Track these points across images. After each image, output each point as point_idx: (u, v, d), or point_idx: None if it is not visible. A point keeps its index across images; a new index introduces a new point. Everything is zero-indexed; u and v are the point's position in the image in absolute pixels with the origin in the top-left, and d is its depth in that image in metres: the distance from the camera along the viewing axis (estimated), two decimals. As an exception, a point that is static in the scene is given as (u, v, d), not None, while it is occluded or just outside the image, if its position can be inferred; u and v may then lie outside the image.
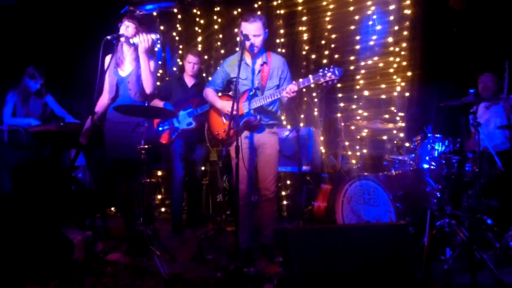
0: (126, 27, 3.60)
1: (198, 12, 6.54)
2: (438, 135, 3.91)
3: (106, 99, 3.78)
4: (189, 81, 4.92)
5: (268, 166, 3.62)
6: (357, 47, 5.55)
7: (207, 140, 4.32)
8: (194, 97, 4.77)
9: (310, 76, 3.31)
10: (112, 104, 3.72)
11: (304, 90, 4.73)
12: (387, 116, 5.34)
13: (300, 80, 3.34)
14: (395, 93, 5.36)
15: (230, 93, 3.66)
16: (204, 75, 6.36)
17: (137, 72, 3.66)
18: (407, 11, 5.27)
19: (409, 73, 5.27)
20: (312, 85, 3.32)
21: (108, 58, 3.73)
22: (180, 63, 6.40)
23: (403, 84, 5.32)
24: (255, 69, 3.60)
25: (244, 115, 3.52)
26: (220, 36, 6.41)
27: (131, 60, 3.72)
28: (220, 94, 3.79)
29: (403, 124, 5.16)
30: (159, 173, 5.99)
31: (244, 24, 3.48)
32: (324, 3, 5.77)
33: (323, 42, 5.82)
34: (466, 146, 4.57)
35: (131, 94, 3.69)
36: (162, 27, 6.65)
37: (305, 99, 5.79)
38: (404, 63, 5.28)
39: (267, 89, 3.59)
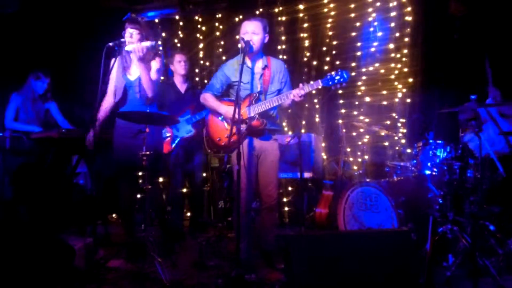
0: (130, 34, 3.61)
1: (200, 19, 6.57)
2: (440, 141, 3.90)
3: (111, 101, 3.80)
4: (181, 84, 4.86)
5: (271, 173, 3.58)
6: (358, 53, 5.57)
7: (206, 147, 4.10)
8: (189, 103, 4.74)
9: (319, 80, 3.32)
10: (121, 108, 3.76)
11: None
12: (388, 122, 5.34)
13: (310, 83, 3.33)
14: (397, 99, 5.37)
15: (233, 98, 3.59)
16: (206, 81, 6.37)
17: None
18: (408, 18, 5.29)
19: (410, 80, 5.28)
20: (319, 87, 3.34)
21: (113, 61, 3.70)
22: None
23: (404, 90, 5.33)
24: (257, 73, 3.56)
25: (248, 119, 3.47)
26: (222, 42, 6.43)
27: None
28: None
29: (405, 130, 5.16)
30: (161, 179, 5.98)
31: (244, 23, 3.51)
32: (325, 10, 5.79)
33: (324, 48, 5.84)
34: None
35: (137, 96, 3.69)
36: (163, 34, 6.67)
37: (306, 105, 5.80)
38: (405, 70, 5.30)
39: (269, 93, 3.55)
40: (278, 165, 3.66)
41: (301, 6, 5.91)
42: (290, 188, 5.54)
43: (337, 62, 5.73)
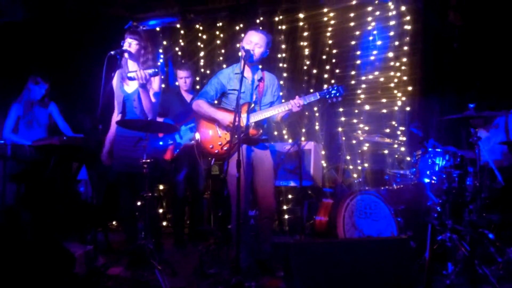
0: (129, 44, 3.61)
1: (201, 28, 6.62)
2: (439, 150, 3.92)
3: (117, 115, 3.77)
4: (187, 95, 4.92)
5: (268, 183, 3.62)
6: (358, 62, 5.61)
7: (197, 154, 3.97)
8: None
9: (317, 92, 3.42)
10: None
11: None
12: (388, 130, 5.36)
13: (307, 95, 3.42)
14: (396, 108, 5.40)
15: (231, 108, 3.57)
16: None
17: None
18: (407, 27, 5.33)
19: (409, 88, 5.31)
20: (317, 99, 3.44)
21: (116, 75, 3.74)
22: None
23: (403, 98, 5.36)
24: (253, 84, 3.62)
25: (244, 128, 3.49)
26: (223, 51, 6.46)
27: None
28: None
29: (404, 138, 5.18)
30: (161, 187, 6.00)
31: (250, 32, 3.54)
32: (325, 18, 5.84)
33: (324, 57, 5.87)
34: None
35: (136, 111, 3.66)
36: (165, 42, 6.72)
37: (307, 113, 5.82)
38: (405, 78, 5.33)
39: (262, 104, 3.63)
40: (273, 174, 3.70)
41: (301, 15, 5.95)
42: (290, 196, 5.54)
43: (337, 71, 5.77)
